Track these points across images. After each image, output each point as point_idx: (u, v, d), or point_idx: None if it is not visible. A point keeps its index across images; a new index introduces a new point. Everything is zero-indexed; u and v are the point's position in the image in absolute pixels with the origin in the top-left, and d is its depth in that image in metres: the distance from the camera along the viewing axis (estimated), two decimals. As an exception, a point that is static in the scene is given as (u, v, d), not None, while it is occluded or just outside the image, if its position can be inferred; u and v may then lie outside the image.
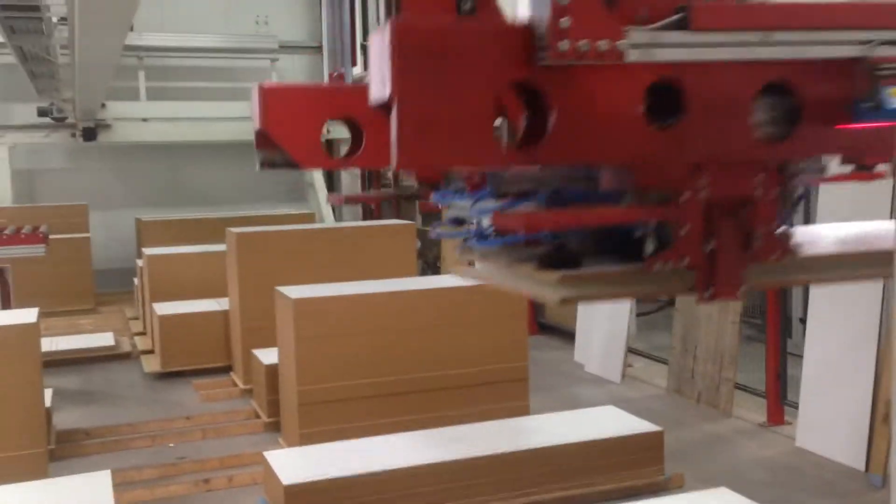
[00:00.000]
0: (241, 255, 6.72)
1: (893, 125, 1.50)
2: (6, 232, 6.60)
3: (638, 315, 7.85)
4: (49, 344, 7.58)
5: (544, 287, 1.51)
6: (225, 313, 7.34)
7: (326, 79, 7.45)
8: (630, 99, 1.40)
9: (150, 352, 7.93)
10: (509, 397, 5.51)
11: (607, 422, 4.78)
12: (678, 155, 1.47)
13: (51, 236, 6.92)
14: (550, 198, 1.57)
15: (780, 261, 1.57)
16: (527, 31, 1.32)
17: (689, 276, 1.53)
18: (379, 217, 11.88)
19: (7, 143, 11.45)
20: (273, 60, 12.88)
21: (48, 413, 5.29)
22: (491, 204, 1.64)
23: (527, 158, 1.40)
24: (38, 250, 6.48)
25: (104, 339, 8.48)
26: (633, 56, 1.33)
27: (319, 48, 12.17)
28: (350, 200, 11.09)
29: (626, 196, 1.51)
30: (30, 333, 4.70)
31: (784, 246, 1.57)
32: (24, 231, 6.65)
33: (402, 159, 1.29)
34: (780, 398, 5.69)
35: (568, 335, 8.03)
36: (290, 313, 5.21)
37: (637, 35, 1.33)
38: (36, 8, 5.49)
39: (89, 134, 11.37)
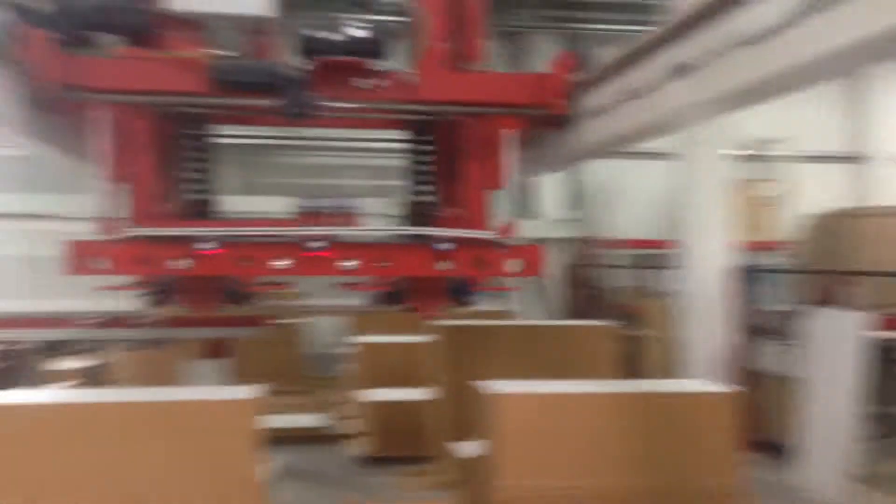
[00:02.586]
0: (446, 347, 6.89)
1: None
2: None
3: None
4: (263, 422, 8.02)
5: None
6: (428, 403, 7.51)
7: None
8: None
9: (360, 435, 8.21)
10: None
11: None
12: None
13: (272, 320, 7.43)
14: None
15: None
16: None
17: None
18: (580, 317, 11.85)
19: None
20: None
21: (263, 488, 5.57)
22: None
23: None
24: (262, 332, 6.95)
25: (316, 420, 8.90)
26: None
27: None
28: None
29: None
30: (247, 408, 5.00)
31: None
32: (252, 313, 7.18)
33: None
34: None
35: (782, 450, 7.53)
36: (492, 408, 5.26)
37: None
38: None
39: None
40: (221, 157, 5.66)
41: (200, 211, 5.58)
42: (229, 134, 8.52)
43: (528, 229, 13.16)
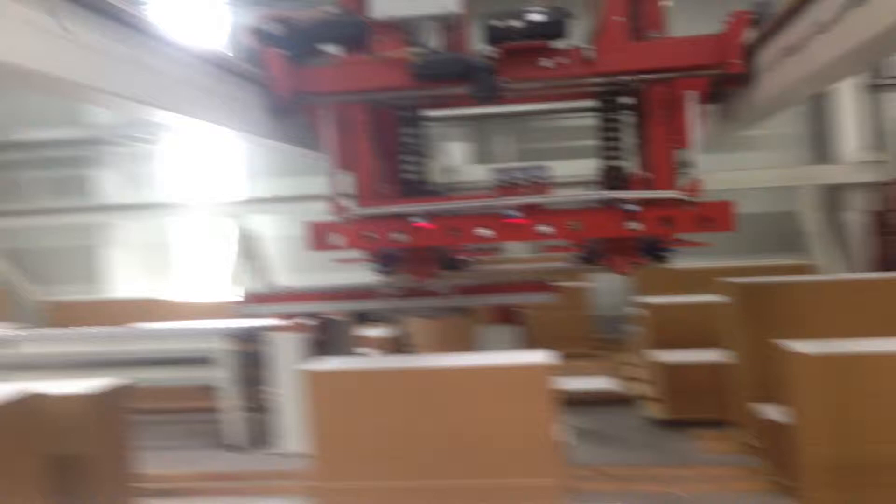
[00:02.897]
0: (744, 307, 6.61)
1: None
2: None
3: None
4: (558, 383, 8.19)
5: None
6: (725, 365, 7.26)
7: None
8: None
9: (651, 398, 8.15)
10: None
11: None
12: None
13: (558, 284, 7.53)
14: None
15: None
16: None
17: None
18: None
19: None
20: None
21: (561, 448, 5.72)
22: None
23: None
24: (549, 297, 7.07)
25: (606, 383, 8.95)
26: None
27: None
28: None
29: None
30: (544, 372, 5.13)
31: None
32: (537, 279, 7.34)
33: None
34: None
35: None
36: (799, 369, 5.00)
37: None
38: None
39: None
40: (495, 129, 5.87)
41: (416, 189, 6.32)
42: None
43: (823, 175, 12.27)
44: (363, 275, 7.43)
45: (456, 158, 13.02)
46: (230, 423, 7.32)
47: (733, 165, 12.61)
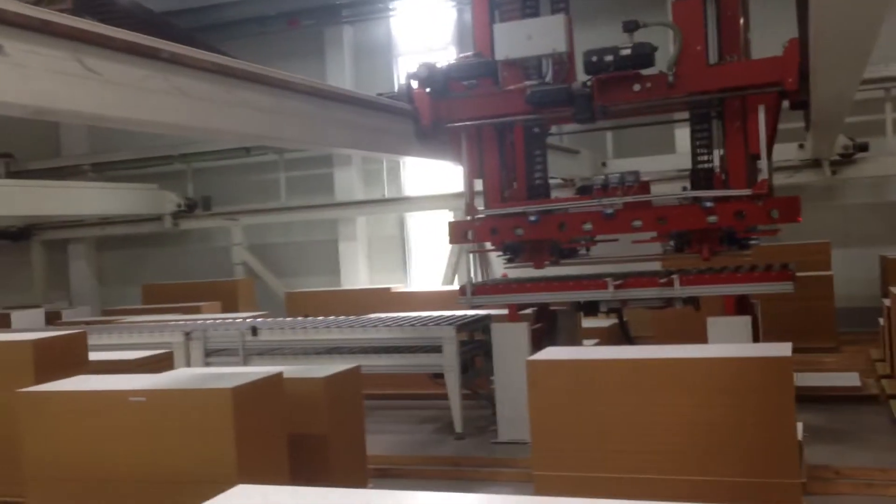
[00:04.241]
0: None
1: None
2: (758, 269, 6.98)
3: None
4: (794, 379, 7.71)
5: None
6: None
7: None
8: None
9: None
10: None
11: None
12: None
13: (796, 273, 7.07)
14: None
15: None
16: None
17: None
18: None
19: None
20: None
21: (800, 446, 5.38)
22: None
23: None
24: (786, 287, 6.66)
25: (849, 379, 8.32)
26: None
27: None
28: None
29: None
30: (784, 366, 4.85)
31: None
32: (773, 268, 6.93)
33: None
34: None
35: None
36: None
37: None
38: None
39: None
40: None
41: (535, 192, 7.54)
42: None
43: None
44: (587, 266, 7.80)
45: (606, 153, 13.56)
46: (455, 411, 7.52)
47: None
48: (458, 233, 7.60)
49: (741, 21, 6.90)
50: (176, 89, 5.07)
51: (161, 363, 6.37)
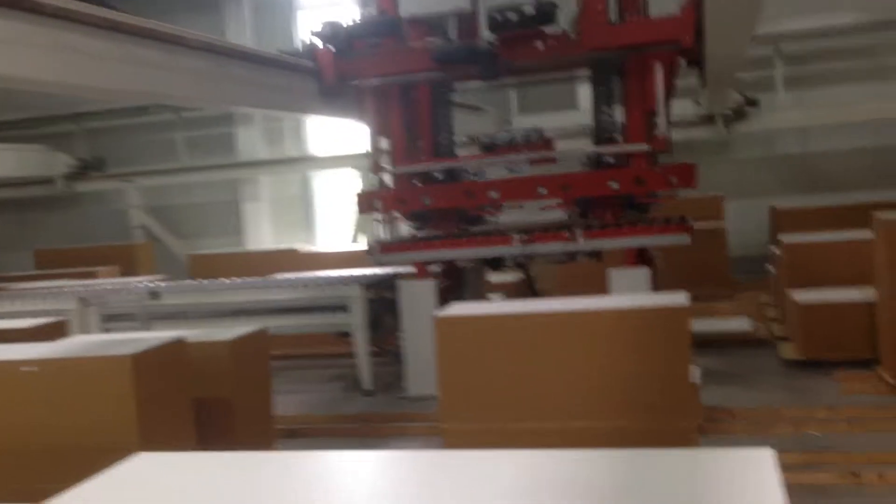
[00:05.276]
0: (892, 243, 6.25)
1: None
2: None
3: None
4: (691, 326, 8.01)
5: None
6: (870, 304, 6.91)
7: None
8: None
9: (787, 339, 7.87)
10: None
11: None
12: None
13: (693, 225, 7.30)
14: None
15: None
16: None
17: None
18: None
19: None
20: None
21: (696, 389, 5.59)
22: None
23: None
24: (683, 239, 6.87)
25: (741, 324, 8.69)
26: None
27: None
28: None
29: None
30: (681, 315, 5.02)
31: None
32: (671, 221, 7.13)
33: None
34: None
35: None
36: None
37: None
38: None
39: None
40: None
41: (441, 151, 7.62)
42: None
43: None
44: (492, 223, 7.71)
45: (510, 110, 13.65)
46: (363, 368, 7.54)
47: (883, 95, 11.94)
48: (365, 203, 7.61)
49: None
50: (62, 45, 4.85)
51: (56, 331, 6.15)
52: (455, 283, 8.00)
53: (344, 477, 2.91)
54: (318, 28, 7.50)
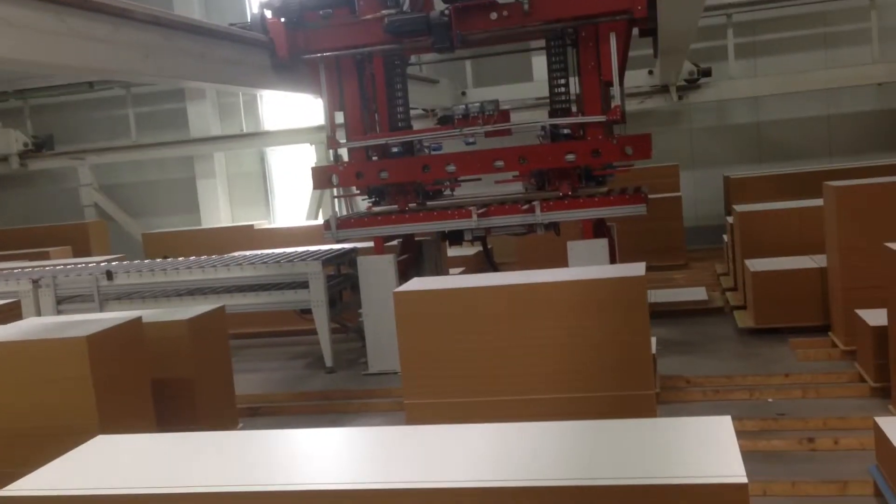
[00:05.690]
0: (842, 211, 6.37)
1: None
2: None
3: None
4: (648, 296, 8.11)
5: None
6: (822, 271, 7.05)
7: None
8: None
9: (742, 307, 8.00)
10: None
11: None
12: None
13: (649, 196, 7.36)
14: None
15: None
16: None
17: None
18: None
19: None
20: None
21: (654, 359, 5.68)
22: None
23: None
24: (640, 209, 6.93)
25: (696, 294, 8.82)
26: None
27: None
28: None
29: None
30: (638, 285, 5.07)
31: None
32: (628, 192, 7.19)
33: None
34: None
35: None
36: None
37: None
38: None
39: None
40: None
41: (397, 123, 7.62)
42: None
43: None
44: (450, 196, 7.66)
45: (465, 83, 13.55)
46: (325, 345, 7.52)
47: (834, 63, 12.12)
48: (321, 178, 7.52)
49: None
50: (1, 19, 4.68)
51: (8, 313, 6.03)
52: (414, 258, 7.99)
53: (307, 455, 2.90)
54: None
